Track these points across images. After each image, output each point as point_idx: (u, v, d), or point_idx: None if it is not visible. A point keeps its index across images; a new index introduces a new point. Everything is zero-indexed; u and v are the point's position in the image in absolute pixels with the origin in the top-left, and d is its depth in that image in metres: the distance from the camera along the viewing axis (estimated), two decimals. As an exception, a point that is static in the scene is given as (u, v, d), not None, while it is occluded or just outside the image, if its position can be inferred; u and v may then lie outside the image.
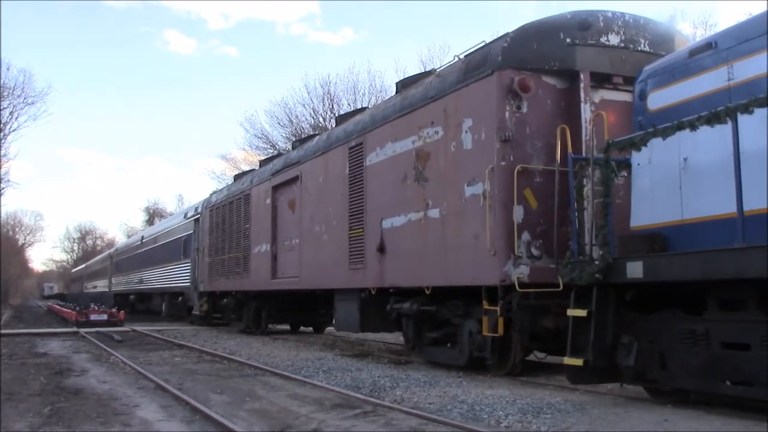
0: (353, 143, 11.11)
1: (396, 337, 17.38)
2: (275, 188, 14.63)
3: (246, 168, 38.30)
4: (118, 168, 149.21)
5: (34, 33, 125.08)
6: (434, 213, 8.85)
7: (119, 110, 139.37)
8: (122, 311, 23.65)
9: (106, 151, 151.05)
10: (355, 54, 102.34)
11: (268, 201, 14.85)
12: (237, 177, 19.42)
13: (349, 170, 11.16)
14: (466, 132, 8.30)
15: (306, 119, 34.19)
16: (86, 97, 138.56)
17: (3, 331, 17.55)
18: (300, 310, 16.87)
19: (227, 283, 17.41)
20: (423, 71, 10.44)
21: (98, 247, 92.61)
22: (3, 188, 37.22)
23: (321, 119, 33.19)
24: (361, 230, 10.72)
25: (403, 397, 7.02)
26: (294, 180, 13.59)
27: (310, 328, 18.24)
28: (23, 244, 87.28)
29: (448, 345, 9.57)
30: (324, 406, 6.57)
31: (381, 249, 10.01)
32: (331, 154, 11.95)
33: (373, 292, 10.42)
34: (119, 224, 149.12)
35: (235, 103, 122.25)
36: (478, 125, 8.10)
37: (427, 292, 9.07)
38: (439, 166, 8.82)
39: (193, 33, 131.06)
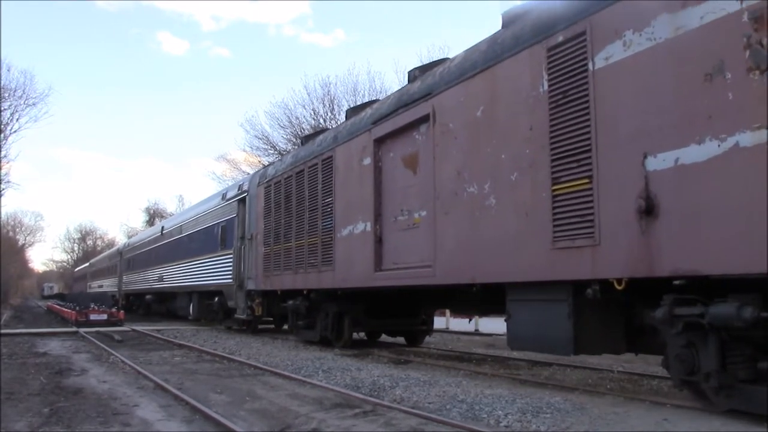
0: (560, 38, 6.71)
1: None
2: (379, 141, 10.24)
3: (247, 169, 35.86)
4: (118, 168, 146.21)
5: (29, 34, 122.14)
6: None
7: (118, 111, 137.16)
8: (122, 311, 22.52)
9: (106, 152, 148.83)
10: (348, 55, 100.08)
11: (368, 161, 10.46)
12: (306, 139, 14.84)
13: (550, 85, 6.79)
14: None
15: (306, 120, 33.71)
16: (85, 98, 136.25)
17: (3, 331, 17.01)
18: (392, 315, 12.57)
19: (294, 280, 12.88)
20: None
21: (98, 248, 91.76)
22: (3, 189, 36.93)
23: (321, 120, 32.69)
24: (585, 181, 6.36)
25: (402, 397, 6.85)
26: (418, 123, 9.18)
27: (401, 338, 13.83)
28: (23, 245, 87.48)
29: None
30: (324, 406, 6.40)
31: (647, 208, 5.65)
32: (504, 67, 7.52)
33: (619, 287, 6.05)
34: (119, 224, 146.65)
35: (230, 103, 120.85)
36: None
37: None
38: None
39: (185, 34, 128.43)
